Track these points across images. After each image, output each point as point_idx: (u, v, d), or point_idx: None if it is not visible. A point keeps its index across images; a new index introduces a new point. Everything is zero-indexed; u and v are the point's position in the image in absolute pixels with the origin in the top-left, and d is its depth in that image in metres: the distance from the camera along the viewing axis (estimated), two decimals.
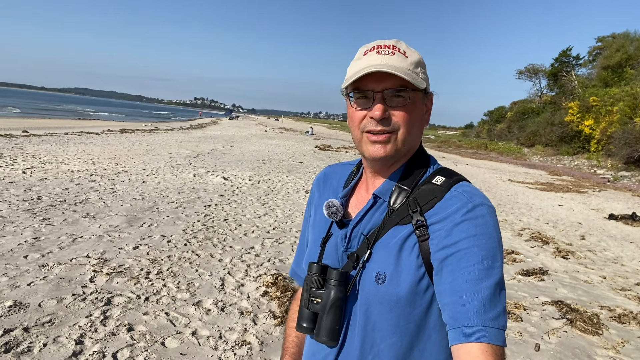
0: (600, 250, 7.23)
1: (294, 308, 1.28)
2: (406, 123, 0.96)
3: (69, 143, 15.82)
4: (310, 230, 1.18)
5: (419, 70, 0.98)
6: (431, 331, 0.95)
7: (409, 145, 1.00)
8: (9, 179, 8.39)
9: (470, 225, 0.88)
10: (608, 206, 12.35)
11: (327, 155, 20.48)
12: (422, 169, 1.03)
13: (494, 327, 0.82)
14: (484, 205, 0.92)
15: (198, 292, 4.10)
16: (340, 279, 0.97)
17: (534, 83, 49.28)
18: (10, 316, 3.29)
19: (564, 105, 34.63)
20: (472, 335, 0.81)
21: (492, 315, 0.82)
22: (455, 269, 0.86)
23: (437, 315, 0.93)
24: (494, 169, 22.99)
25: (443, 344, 0.95)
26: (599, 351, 3.68)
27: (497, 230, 0.91)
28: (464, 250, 0.87)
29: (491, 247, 0.87)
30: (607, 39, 39.91)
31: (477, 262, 0.86)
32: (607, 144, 26.69)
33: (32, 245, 4.87)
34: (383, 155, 0.97)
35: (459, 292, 0.85)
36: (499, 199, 12.01)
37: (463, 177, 1.01)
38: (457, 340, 0.83)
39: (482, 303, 0.83)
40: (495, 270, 0.86)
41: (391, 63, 0.94)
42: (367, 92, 0.95)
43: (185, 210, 7.15)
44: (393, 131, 0.96)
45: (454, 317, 0.84)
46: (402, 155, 1.01)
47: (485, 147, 42.15)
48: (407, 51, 0.98)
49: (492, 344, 0.81)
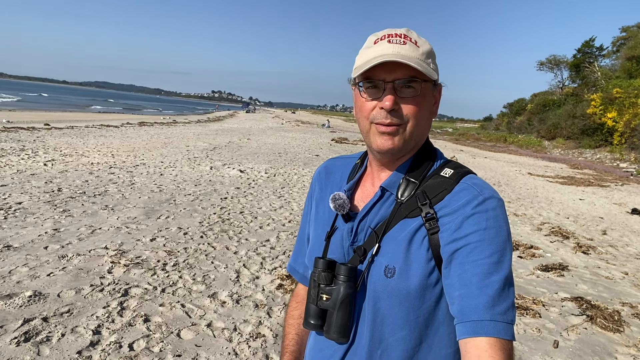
0: (622, 246, 7.06)
1: (293, 305, 1.27)
2: (416, 115, 0.94)
3: (89, 136, 16.07)
4: (312, 225, 1.15)
5: (430, 60, 0.95)
6: (440, 325, 0.94)
7: (417, 138, 0.98)
8: (30, 171, 8.56)
9: (480, 219, 0.87)
10: (631, 200, 12.05)
11: (343, 148, 20.42)
12: (430, 162, 1.01)
13: (502, 321, 0.81)
14: (494, 199, 0.91)
15: (213, 284, 4.13)
16: (350, 275, 0.96)
17: (556, 74, 48.35)
18: (30, 306, 3.36)
19: (587, 97, 33.83)
20: (481, 330, 0.81)
21: (501, 309, 0.82)
22: (464, 262, 0.86)
23: (446, 309, 0.92)
24: (513, 162, 22.64)
25: (451, 338, 0.94)
26: (619, 349, 3.60)
27: (507, 223, 0.90)
28: (474, 243, 0.86)
29: (501, 241, 0.87)
30: (631, 29, 38.84)
31: (487, 255, 0.85)
32: (630, 137, 26.06)
33: (52, 237, 4.96)
34: (390, 148, 0.95)
35: (468, 286, 0.84)
36: (517, 192, 11.82)
37: (470, 169, 1.00)
38: (466, 335, 0.82)
39: (491, 297, 0.82)
40: (504, 264, 0.85)
41: (403, 53, 0.91)
42: (378, 81, 0.93)
43: (202, 203, 7.20)
44: (402, 123, 0.94)
45: (463, 311, 0.84)
46: (410, 148, 0.99)
47: (504, 140, 41.50)
48: (419, 41, 0.96)
49: (501, 338, 0.80)
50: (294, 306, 1.26)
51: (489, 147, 36.10)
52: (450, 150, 26.80)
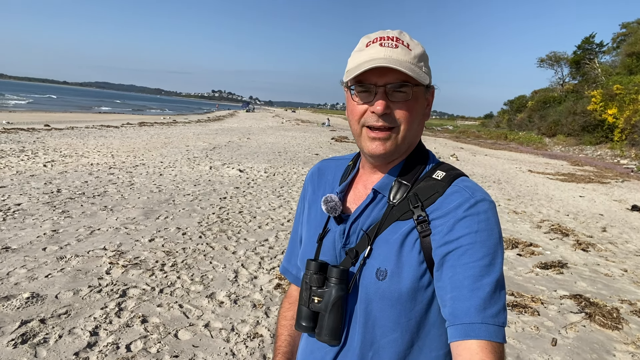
0: (622, 243, 7.05)
1: (286, 305, 1.28)
2: (407, 119, 0.94)
3: (89, 136, 16.08)
4: (305, 226, 1.16)
5: (422, 64, 0.96)
6: (431, 327, 0.94)
7: (409, 141, 0.98)
8: (30, 172, 8.57)
9: (472, 221, 0.88)
10: (631, 197, 12.04)
11: (343, 147, 20.41)
12: (422, 164, 1.01)
13: (494, 324, 0.82)
14: (486, 201, 0.91)
15: (212, 284, 4.13)
16: (342, 277, 0.95)
17: (556, 71, 48.27)
18: (27, 308, 3.36)
19: (587, 94, 33.78)
20: (472, 332, 0.81)
21: (493, 312, 0.82)
22: (456, 265, 0.86)
23: (437, 311, 0.92)
24: (514, 160, 22.61)
25: (442, 340, 0.94)
26: (618, 346, 3.59)
27: (499, 226, 0.91)
28: (465, 246, 0.86)
29: (492, 244, 0.87)
30: (631, 25, 38.79)
31: (478, 258, 0.85)
32: (631, 133, 26.02)
33: (51, 238, 4.96)
34: (382, 152, 0.96)
35: (459, 288, 0.84)
36: (517, 190, 11.81)
37: (463, 172, 1.00)
38: (457, 337, 0.83)
39: (483, 300, 0.82)
40: (496, 267, 0.86)
41: (395, 57, 0.91)
42: (370, 85, 0.93)
43: (201, 203, 7.20)
44: (394, 127, 0.94)
45: (454, 314, 0.84)
46: (402, 152, 0.99)
47: (505, 137, 41.47)
48: (411, 43, 0.95)
49: (492, 341, 0.80)
50: (286, 307, 1.26)
51: (490, 144, 36.08)
52: (450, 148, 26.78)
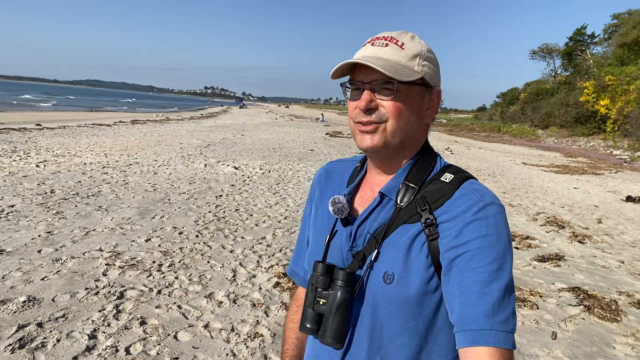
0: (617, 234, 7.09)
1: (293, 308, 1.27)
2: (394, 114, 0.94)
3: (82, 135, 15.94)
4: (312, 228, 1.15)
5: (417, 62, 0.95)
6: (439, 331, 0.93)
7: (401, 137, 0.96)
8: (22, 172, 8.48)
9: (481, 225, 0.86)
10: (625, 188, 12.12)
11: (338, 142, 20.38)
12: (429, 167, 1.00)
13: (503, 330, 0.80)
14: (495, 205, 0.90)
15: (210, 284, 4.10)
16: (348, 280, 0.94)
17: (548, 63, 48.44)
18: (24, 311, 3.32)
19: (579, 85, 33.90)
20: (481, 339, 0.80)
21: (502, 318, 0.81)
22: (464, 270, 0.85)
23: (445, 316, 0.91)
24: (508, 152, 22.69)
25: (451, 345, 0.93)
26: (617, 338, 3.61)
27: (508, 230, 0.89)
28: (474, 250, 0.85)
29: (501, 248, 0.85)
30: (623, 15, 38.92)
31: (487, 263, 0.84)
32: (623, 124, 26.16)
33: (46, 240, 4.91)
34: (370, 146, 0.96)
35: (468, 294, 0.83)
36: (512, 182, 11.84)
37: (471, 174, 0.99)
38: (465, 344, 0.81)
39: (491, 305, 0.81)
40: (505, 272, 0.84)
41: (379, 55, 0.94)
42: (358, 83, 0.96)
43: (197, 201, 7.16)
44: (380, 122, 0.94)
45: (462, 320, 0.83)
46: (395, 148, 0.97)
47: (498, 129, 41.57)
48: (409, 43, 0.96)
49: (501, 348, 0.79)
50: (294, 310, 1.26)
51: (483, 137, 36.19)
52: (444, 141, 26.83)
